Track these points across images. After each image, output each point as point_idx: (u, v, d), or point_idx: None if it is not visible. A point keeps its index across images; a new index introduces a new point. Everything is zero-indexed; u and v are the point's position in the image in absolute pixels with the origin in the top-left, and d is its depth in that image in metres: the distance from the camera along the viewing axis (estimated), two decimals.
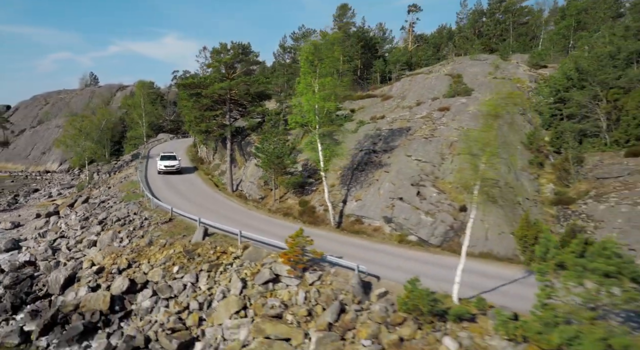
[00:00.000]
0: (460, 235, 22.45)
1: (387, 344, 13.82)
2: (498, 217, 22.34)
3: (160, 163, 41.58)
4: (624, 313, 12.35)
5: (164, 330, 17.10)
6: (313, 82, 24.86)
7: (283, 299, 17.17)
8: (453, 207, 23.33)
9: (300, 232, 17.96)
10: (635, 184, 23.08)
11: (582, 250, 11.43)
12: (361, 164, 28.88)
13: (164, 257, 21.63)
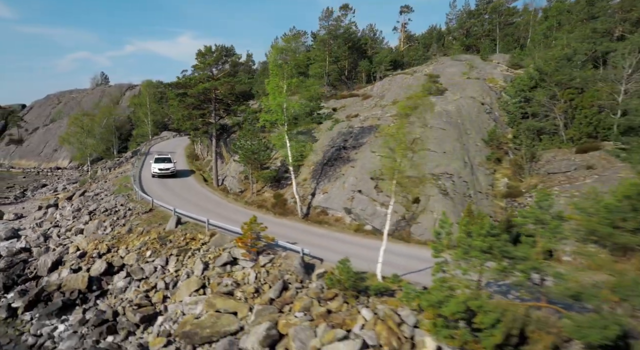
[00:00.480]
0: (411, 224, 24.16)
1: (316, 315, 15.59)
2: (447, 208, 23.91)
3: (155, 166, 39.15)
4: (506, 285, 14.04)
5: (131, 305, 19.08)
6: (281, 82, 26.63)
7: (237, 279, 19.03)
8: (407, 199, 24.98)
9: (254, 219, 19.83)
10: (577, 178, 24.53)
11: (470, 231, 13.10)
12: (331, 159, 30.65)
13: (140, 243, 23.66)
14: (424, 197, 24.85)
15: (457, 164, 27.07)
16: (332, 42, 51.36)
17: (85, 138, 52.16)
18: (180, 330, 16.59)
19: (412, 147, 28.49)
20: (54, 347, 17.43)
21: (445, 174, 26.25)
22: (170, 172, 38.92)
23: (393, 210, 24.44)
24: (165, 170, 38.71)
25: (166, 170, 38.71)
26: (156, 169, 38.74)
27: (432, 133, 29.13)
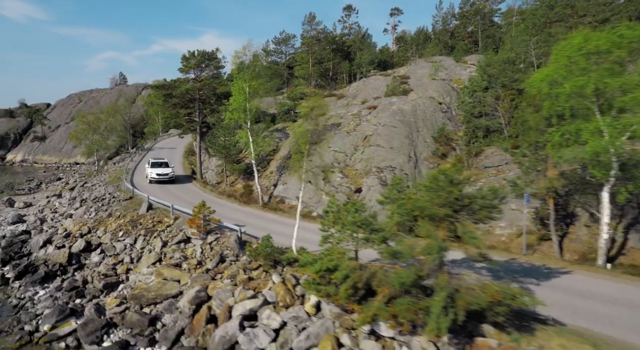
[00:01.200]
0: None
1: (239, 281, 18.55)
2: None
3: (152, 171, 36.43)
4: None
5: (99, 275, 22.40)
6: (244, 85, 29.60)
7: (186, 254, 22.16)
8: (350, 189, 27.75)
9: (202, 204, 22.92)
10: (504, 171, 26.91)
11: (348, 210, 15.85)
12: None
13: (116, 225, 27.03)
14: (365, 187, 27.57)
15: (401, 159, 29.65)
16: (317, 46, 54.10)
17: (91, 135, 56.07)
18: (131, 293, 19.80)
19: (365, 143, 31.35)
20: (32, 308, 20.81)
21: (389, 167, 28.87)
22: (169, 177, 36.40)
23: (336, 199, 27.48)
24: (164, 175, 36.15)
25: (164, 176, 36.15)
26: (153, 174, 35.96)
27: (384, 130, 31.76)
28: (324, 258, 14.63)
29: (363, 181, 27.97)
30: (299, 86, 48.42)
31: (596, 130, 15.91)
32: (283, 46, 58.27)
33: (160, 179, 35.83)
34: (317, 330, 14.37)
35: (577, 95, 15.54)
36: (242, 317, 15.84)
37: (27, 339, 17.63)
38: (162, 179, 35.86)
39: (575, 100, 15.71)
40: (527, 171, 19.85)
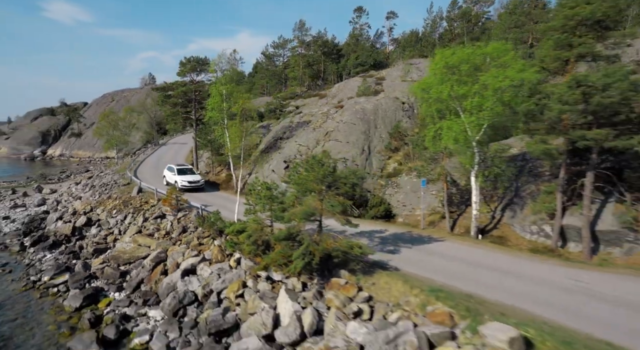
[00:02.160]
0: None
1: (192, 245, 23.27)
2: None
3: (181, 178, 33.52)
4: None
5: (93, 243, 27.66)
6: (220, 88, 34.25)
7: (159, 226, 27.12)
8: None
9: (174, 188, 27.79)
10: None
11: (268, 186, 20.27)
12: (269, 147, 38.13)
13: (112, 205, 32.33)
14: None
15: (355, 151, 33.71)
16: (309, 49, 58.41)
17: (111, 131, 62.31)
18: (111, 255, 24.90)
19: (325, 138, 35.53)
20: (39, 265, 26.17)
21: (343, 159, 32.98)
22: (200, 185, 34.14)
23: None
24: (195, 183, 33.70)
25: (196, 183, 33.74)
26: (184, 182, 33.16)
27: (344, 127, 35.86)
28: (236, 223, 19.16)
29: None
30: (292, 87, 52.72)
31: (461, 127, 19.75)
32: (280, 50, 62.88)
33: (192, 186, 33.17)
34: (231, 276, 18.93)
35: (439, 100, 19.39)
36: (185, 270, 20.56)
37: (31, 285, 22.91)
38: (193, 186, 33.27)
39: (439, 103, 19.56)
40: (427, 161, 23.72)
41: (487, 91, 18.07)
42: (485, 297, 14.05)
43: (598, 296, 13.87)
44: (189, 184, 33.22)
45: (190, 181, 33.44)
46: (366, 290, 15.68)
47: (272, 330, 14.72)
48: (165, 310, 18.26)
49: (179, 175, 33.80)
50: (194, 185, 33.52)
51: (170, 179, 34.45)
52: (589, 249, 17.88)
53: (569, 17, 17.35)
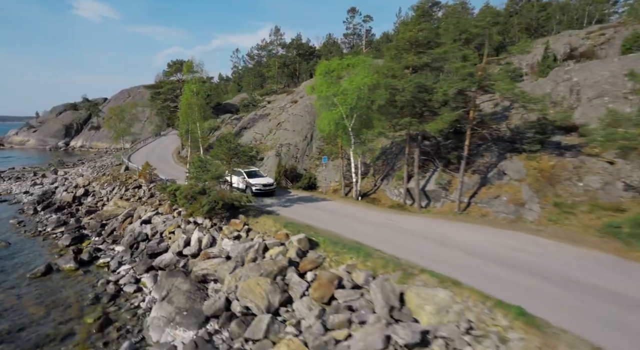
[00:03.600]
0: None
1: (153, 206, 30.72)
2: (274, 162, 37.87)
3: (255, 182, 29.55)
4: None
5: (86, 207, 35.38)
6: (193, 86, 41.54)
7: (136, 194, 34.65)
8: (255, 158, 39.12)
9: (147, 164, 35.26)
10: None
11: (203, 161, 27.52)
12: (234, 134, 45.35)
13: (104, 180, 40.08)
14: (266, 157, 38.95)
15: (299, 138, 40.65)
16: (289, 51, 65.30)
17: (118, 123, 70.38)
18: (97, 214, 32.54)
19: (277, 127, 42.64)
20: (46, 221, 33.92)
21: (287, 144, 40.01)
22: (274, 187, 30.25)
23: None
24: (269, 186, 29.76)
25: (270, 186, 29.77)
26: (259, 186, 29.30)
27: (293, 118, 42.82)
28: (175, 185, 26.49)
29: (267, 153, 39.34)
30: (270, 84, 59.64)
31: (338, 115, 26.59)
32: (263, 51, 69.78)
33: (266, 190, 29.44)
34: (171, 222, 26.24)
35: (321, 97, 26.27)
36: (143, 220, 27.97)
37: (38, 233, 30.56)
38: (268, 190, 29.53)
39: (323, 99, 26.46)
40: (326, 141, 30.55)
41: (347, 91, 24.89)
42: (317, 226, 20.97)
43: (394, 227, 20.63)
44: (264, 188, 29.33)
45: (264, 184, 29.46)
46: (250, 225, 22.78)
47: (182, 248, 22.01)
48: (124, 244, 25.69)
49: (251, 179, 29.80)
50: (269, 189, 29.54)
51: (238, 183, 30.04)
52: (419, 203, 24.64)
53: (399, 40, 23.94)
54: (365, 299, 14.01)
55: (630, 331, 10.27)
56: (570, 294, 12.44)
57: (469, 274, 14.07)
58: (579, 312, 11.30)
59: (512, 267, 14.73)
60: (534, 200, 20.78)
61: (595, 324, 10.70)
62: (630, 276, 13.61)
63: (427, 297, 13.02)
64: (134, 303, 18.59)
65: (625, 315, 11.11)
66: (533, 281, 13.42)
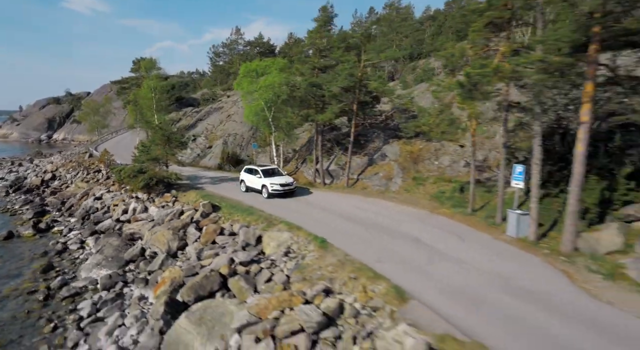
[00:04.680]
0: (201, 158, 42.95)
1: (107, 184, 35.16)
2: (220, 149, 42.43)
3: (270, 182, 25.34)
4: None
5: (52, 189, 39.60)
6: (150, 83, 45.76)
7: (95, 177, 39.01)
8: (205, 145, 43.76)
9: (106, 151, 39.61)
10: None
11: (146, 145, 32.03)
12: (190, 126, 49.78)
13: (70, 166, 44.27)
14: (214, 145, 43.51)
15: (244, 129, 45.19)
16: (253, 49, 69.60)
17: (93, 116, 74.01)
18: (59, 194, 36.84)
19: (227, 119, 47.05)
20: (15, 202, 38.04)
21: (234, 134, 44.58)
22: (294, 187, 25.86)
23: (195, 152, 43.69)
24: (288, 186, 25.49)
25: (289, 186, 25.52)
26: (276, 186, 25.20)
27: (241, 111, 47.36)
28: (120, 166, 30.98)
29: (216, 142, 43.90)
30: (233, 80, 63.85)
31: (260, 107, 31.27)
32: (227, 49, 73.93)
33: (285, 190, 25.25)
34: (118, 197, 30.75)
35: (247, 92, 30.99)
36: (95, 197, 32.41)
37: (6, 210, 34.76)
38: (287, 190, 25.34)
39: (248, 94, 31.14)
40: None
41: (263, 88, 29.62)
42: (230, 197, 25.62)
43: (292, 198, 25.41)
44: (282, 188, 24.98)
45: (282, 184, 25.12)
46: (178, 198, 27.41)
47: (120, 216, 26.58)
48: (77, 216, 30.14)
49: (267, 178, 25.64)
50: (288, 189, 25.24)
51: (253, 183, 26.37)
52: (323, 180, 29.52)
53: (304, 45, 28.72)
54: (235, 240, 18.85)
55: (376, 246, 15.22)
56: (368, 233, 17.40)
57: (315, 223, 18.94)
58: (362, 241, 16.25)
59: (350, 219, 19.65)
60: (399, 175, 25.82)
61: (363, 245, 15.68)
62: (422, 223, 18.65)
63: (274, 237, 17.89)
64: (75, 256, 23.13)
65: (389, 241, 16.12)
66: (353, 226, 18.37)
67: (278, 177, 26.17)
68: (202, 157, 42.79)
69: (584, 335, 9.27)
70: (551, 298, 11.09)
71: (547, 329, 9.66)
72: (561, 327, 9.70)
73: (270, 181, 25.40)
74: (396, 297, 11.45)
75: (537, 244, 14.98)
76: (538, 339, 9.29)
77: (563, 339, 9.21)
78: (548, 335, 9.43)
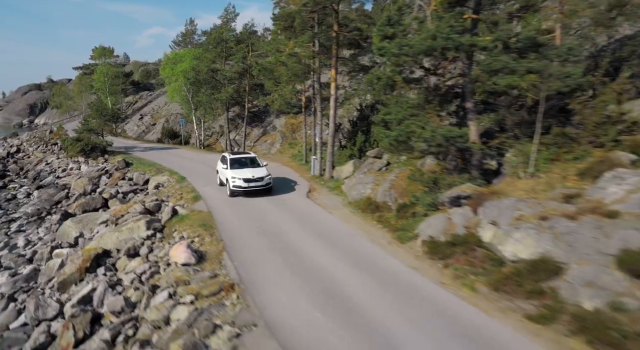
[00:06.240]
0: (146, 133, 49.11)
1: (59, 154, 41.23)
2: (161, 127, 48.59)
3: (236, 175, 18.55)
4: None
5: (15, 159, 45.51)
6: (103, 69, 51.41)
7: (52, 149, 45.01)
8: (150, 123, 49.91)
9: (60, 127, 45.55)
10: None
11: None
12: (143, 107, 55.74)
13: (33, 141, 50.06)
14: (158, 123, 49.63)
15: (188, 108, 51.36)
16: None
17: (65, 101, 79.18)
18: (20, 162, 42.81)
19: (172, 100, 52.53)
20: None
21: (175, 113, 50.68)
22: (266, 184, 18.74)
23: (141, 128, 49.93)
24: (256, 182, 18.48)
25: (257, 182, 18.50)
26: (239, 181, 18.41)
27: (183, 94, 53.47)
28: (65, 136, 37.13)
29: (160, 120, 50.05)
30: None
31: (182, 89, 37.56)
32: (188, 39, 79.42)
33: (252, 188, 18.44)
34: (65, 162, 36.94)
35: (168, 76, 37.17)
36: (47, 163, 38.54)
37: None
38: (255, 188, 18.47)
39: (168, 78, 37.33)
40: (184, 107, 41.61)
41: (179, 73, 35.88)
42: (146, 158, 32.08)
43: (194, 159, 31.85)
44: (246, 185, 18.39)
45: (247, 178, 18.47)
46: (108, 160, 33.71)
47: (59, 174, 32.87)
48: (30, 177, 36.30)
49: (234, 170, 19.03)
50: (256, 186, 18.50)
51: (223, 175, 20.21)
52: (231, 148, 36.05)
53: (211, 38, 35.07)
54: (129, 183, 25.39)
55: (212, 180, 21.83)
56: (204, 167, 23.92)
57: (189, 171, 25.39)
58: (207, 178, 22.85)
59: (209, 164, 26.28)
60: (279, 142, 32.53)
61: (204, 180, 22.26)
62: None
63: (156, 179, 24.44)
64: (21, 202, 29.44)
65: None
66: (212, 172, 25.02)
67: (250, 168, 19.18)
68: (146, 133, 48.93)
69: (290, 207, 16.04)
70: (295, 198, 17.93)
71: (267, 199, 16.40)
72: (289, 206, 16.47)
73: (234, 174, 18.50)
74: (194, 197, 18.22)
75: (319, 177, 21.85)
76: (255, 212, 15.94)
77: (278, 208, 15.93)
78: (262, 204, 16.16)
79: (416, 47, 11.77)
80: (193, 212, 16.36)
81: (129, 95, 62.75)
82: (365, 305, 8.69)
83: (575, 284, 7.94)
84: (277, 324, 8.03)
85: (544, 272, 8.37)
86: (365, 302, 8.80)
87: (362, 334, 7.65)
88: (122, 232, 14.79)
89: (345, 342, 7.41)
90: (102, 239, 14.84)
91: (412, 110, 13.43)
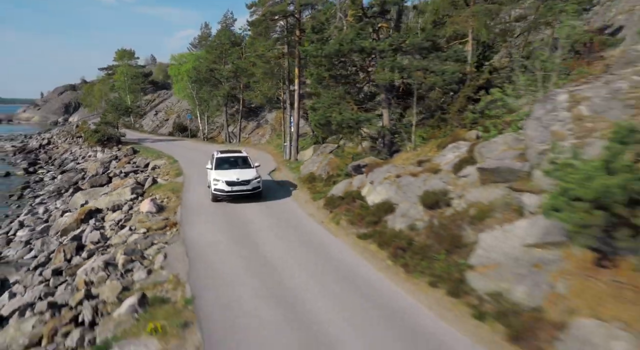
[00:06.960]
0: (160, 128, 53.68)
1: (82, 145, 46.19)
2: (173, 122, 53.12)
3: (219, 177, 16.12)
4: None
5: (46, 150, 50.88)
6: (123, 69, 56.33)
7: (77, 141, 50.17)
8: (163, 119, 54.48)
9: (84, 122, 50.61)
10: None
11: None
12: (159, 104, 60.51)
13: (62, 135, 55.49)
14: (171, 119, 54.14)
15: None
16: None
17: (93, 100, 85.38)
18: (49, 152, 48.02)
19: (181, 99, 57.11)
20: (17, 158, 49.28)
21: (186, 109, 55.08)
22: (254, 188, 16.26)
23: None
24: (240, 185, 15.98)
25: (242, 186, 16.01)
26: (221, 184, 15.99)
27: None
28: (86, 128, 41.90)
29: (172, 115, 54.56)
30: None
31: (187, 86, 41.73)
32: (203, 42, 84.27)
33: (235, 193, 15.95)
34: (85, 151, 41.73)
35: (175, 75, 41.34)
36: (71, 152, 43.45)
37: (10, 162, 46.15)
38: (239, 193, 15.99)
39: (175, 77, 41.49)
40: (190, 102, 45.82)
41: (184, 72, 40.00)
42: (154, 148, 36.32)
43: (197, 149, 35.89)
44: (230, 189, 15.91)
45: (230, 181, 15.94)
46: (121, 149, 38.13)
47: (79, 160, 37.52)
48: (56, 164, 41.22)
49: (216, 171, 16.56)
50: (241, 190, 16.01)
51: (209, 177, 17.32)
52: (229, 139, 39.97)
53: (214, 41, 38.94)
54: (133, 165, 29.55)
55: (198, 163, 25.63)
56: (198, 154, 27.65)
57: (184, 157, 29.35)
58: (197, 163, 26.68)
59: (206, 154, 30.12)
60: (268, 134, 36.20)
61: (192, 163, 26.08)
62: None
63: (156, 163, 28.51)
64: (46, 183, 34.15)
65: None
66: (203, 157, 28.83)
67: (238, 170, 16.82)
68: (160, 127, 53.54)
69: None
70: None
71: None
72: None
73: (217, 175, 16.23)
74: (176, 174, 22.06)
75: (288, 160, 25.36)
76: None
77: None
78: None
79: (326, 50, 15.11)
80: (171, 183, 20.15)
81: (148, 94, 67.80)
82: (261, 233, 12.19)
83: (397, 216, 11.19)
84: (191, 240, 11.61)
85: (383, 211, 11.63)
86: (261, 231, 12.30)
87: (248, 244, 11.18)
88: (112, 196, 18.70)
89: (234, 249, 10.92)
90: (97, 201, 18.78)
91: (335, 99, 16.75)
